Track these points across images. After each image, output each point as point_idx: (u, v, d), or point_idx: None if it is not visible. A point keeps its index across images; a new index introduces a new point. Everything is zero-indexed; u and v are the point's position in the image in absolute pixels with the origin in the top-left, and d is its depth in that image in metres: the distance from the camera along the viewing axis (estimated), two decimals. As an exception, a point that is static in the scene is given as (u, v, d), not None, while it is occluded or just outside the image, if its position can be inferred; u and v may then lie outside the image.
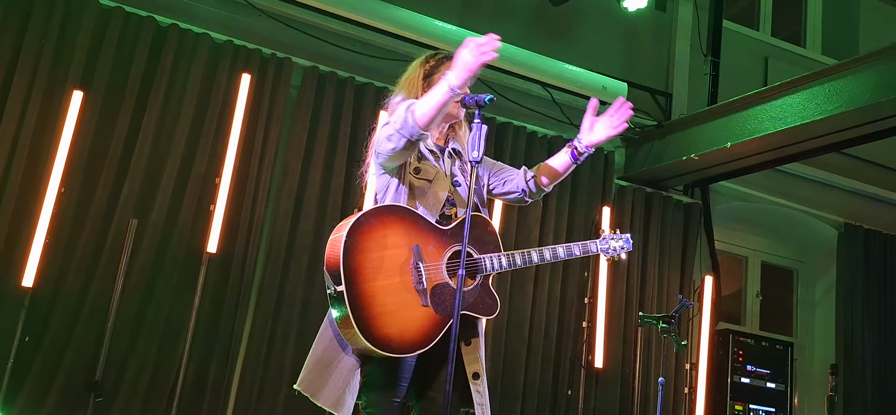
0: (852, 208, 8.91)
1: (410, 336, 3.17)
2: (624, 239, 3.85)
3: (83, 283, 5.74)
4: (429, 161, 3.44)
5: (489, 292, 3.42)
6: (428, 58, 3.62)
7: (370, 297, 3.13)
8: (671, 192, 8.01)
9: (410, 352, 3.19)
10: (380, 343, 3.10)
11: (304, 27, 6.64)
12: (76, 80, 5.84)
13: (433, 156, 3.47)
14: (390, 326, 3.14)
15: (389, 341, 3.13)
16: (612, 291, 7.33)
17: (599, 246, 3.79)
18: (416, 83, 3.53)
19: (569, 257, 3.67)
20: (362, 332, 3.08)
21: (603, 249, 3.80)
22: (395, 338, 3.14)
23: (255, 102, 6.32)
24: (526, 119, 7.33)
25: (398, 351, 3.16)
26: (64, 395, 5.57)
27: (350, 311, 3.08)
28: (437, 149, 3.53)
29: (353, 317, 3.07)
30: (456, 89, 3.11)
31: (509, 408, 6.79)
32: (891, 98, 5.84)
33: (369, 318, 3.11)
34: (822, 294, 9.11)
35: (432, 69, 3.54)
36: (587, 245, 3.74)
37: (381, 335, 3.11)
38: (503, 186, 3.71)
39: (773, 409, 7.87)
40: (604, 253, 3.81)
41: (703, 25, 8.23)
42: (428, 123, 3.16)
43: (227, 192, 6.07)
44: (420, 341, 3.19)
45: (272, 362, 6.12)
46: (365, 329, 3.09)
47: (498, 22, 7.44)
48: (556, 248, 3.63)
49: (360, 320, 3.09)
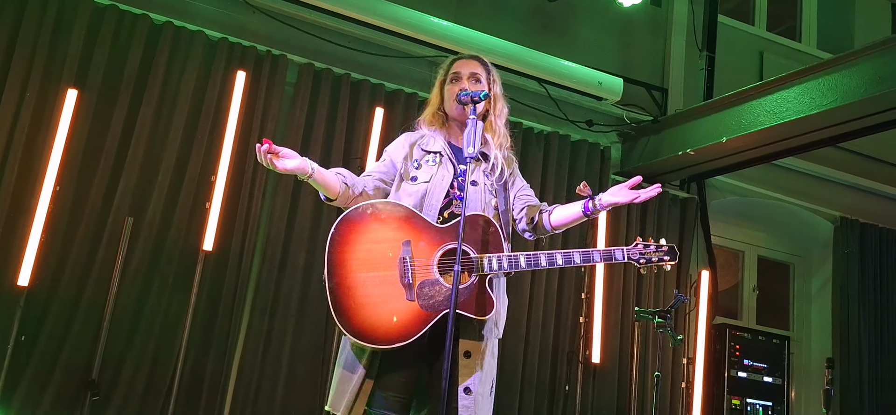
0: (848, 202, 8.92)
1: (391, 329, 3.21)
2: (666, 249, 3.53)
3: (79, 281, 5.73)
4: (428, 166, 3.48)
5: (485, 293, 3.34)
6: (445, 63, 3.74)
7: (351, 287, 3.22)
8: (667, 187, 8.01)
9: (390, 344, 3.20)
10: (358, 333, 3.19)
11: (299, 24, 6.63)
12: (71, 79, 5.83)
13: (438, 158, 3.50)
14: (371, 317, 3.20)
15: (367, 332, 3.20)
16: (608, 287, 7.34)
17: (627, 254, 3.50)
18: (435, 99, 3.69)
19: (585, 263, 3.58)
20: (340, 320, 3.18)
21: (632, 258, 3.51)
22: (374, 329, 3.20)
23: (251, 100, 6.31)
24: (522, 115, 7.32)
25: (377, 342, 3.20)
26: (60, 394, 5.56)
27: (329, 299, 3.19)
28: (453, 151, 3.55)
29: (332, 306, 3.18)
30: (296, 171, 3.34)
31: (507, 403, 6.79)
32: (886, 92, 5.84)
33: (348, 308, 3.20)
34: (819, 288, 9.12)
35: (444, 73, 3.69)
36: (611, 252, 3.54)
37: (359, 325, 3.19)
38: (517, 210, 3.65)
39: (770, 403, 7.87)
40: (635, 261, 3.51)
41: (698, 20, 8.23)
42: (327, 194, 3.43)
43: (223, 189, 6.05)
44: (401, 335, 3.21)
45: (269, 359, 6.12)
46: (343, 318, 3.19)
47: (493, 18, 7.45)
48: (572, 253, 3.44)
49: (338, 310, 3.19)
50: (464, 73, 3.59)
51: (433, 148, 3.54)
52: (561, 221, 3.54)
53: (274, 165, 3.28)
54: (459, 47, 6.34)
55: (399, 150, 3.59)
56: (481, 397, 3.34)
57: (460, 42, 6.69)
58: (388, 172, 3.56)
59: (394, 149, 3.61)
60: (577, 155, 7.52)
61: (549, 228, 3.56)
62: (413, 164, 3.50)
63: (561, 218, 3.54)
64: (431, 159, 3.50)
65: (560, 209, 3.57)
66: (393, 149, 3.62)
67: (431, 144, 3.55)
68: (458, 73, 3.60)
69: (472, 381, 3.31)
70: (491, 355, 3.43)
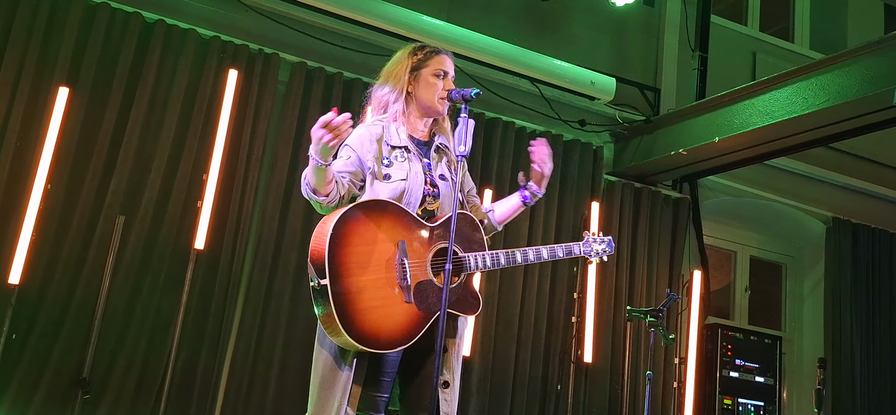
0: (840, 203, 8.94)
1: (393, 332, 3.17)
2: (606, 242, 3.89)
3: (70, 280, 5.72)
4: (399, 162, 3.40)
5: (472, 291, 3.41)
6: (415, 50, 3.59)
7: (354, 292, 3.12)
8: (660, 187, 8.03)
9: (392, 348, 3.19)
10: (362, 338, 3.10)
11: (291, 23, 6.62)
12: (62, 77, 5.81)
13: (405, 153, 3.43)
14: (373, 321, 3.13)
15: (372, 337, 3.12)
16: (600, 287, 7.35)
17: (582, 249, 3.82)
18: (402, 77, 3.53)
19: (552, 259, 3.68)
20: (345, 327, 3.06)
21: (585, 252, 3.83)
22: (377, 334, 3.14)
23: (243, 98, 6.30)
24: (514, 115, 7.33)
25: (380, 347, 3.15)
26: (52, 392, 5.55)
27: (333, 305, 3.06)
28: (416, 145, 3.50)
29: (336, 312, 3.05)
30: (317, 160, 3.12)
31: (499, 403, 6.80)
32: (878, 92, 5.84)
33: (354, 313, 3.10)
34: (811, 288, 9.14)
35: (419, 63, 3.54)
36: (570, 247, 3.76)
37: (363, 331, 3.11)
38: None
39: (762, 403, 7.90)
40: (587, 255, 3.84)
41: (691, 20, 8.24)
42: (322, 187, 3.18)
43: (215, 188, 6.05)
44: (402, 338, 3.19)
45: (261, 357, 6.12)
46: (348, 324, 3.08)
47: (485, 17, 7.44)
48: (541, 249, 3.64)
49: (343, 315, 3.07)
50: (450, 72, 3.55)
51: (398, 143, 3.43)
52: (505, 216, 3.74)
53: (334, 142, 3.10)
54: (452, 46, 6.32)
55: (366, 148, 3.40)
56: (455, 389, 3.40)
57: (452, 41, 6.69)
58: (357, 173, 3.37)
59: (360, 147, 3.39)
60: (569, 155, 7.52)
61: (497, 225, 3.74)
62: (384, 162, 3.40)
63: (504, 212, 3.74)
64: (400, 155, 3.42)
65: (500, 204, 3.76)
66: (359, 147, 3.39)
67: (394, 138, 3.44)
68: (446, 72, 3.53)
69: (449, 374, 3.37)
70: (460, 349, 3.51)
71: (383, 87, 3.56)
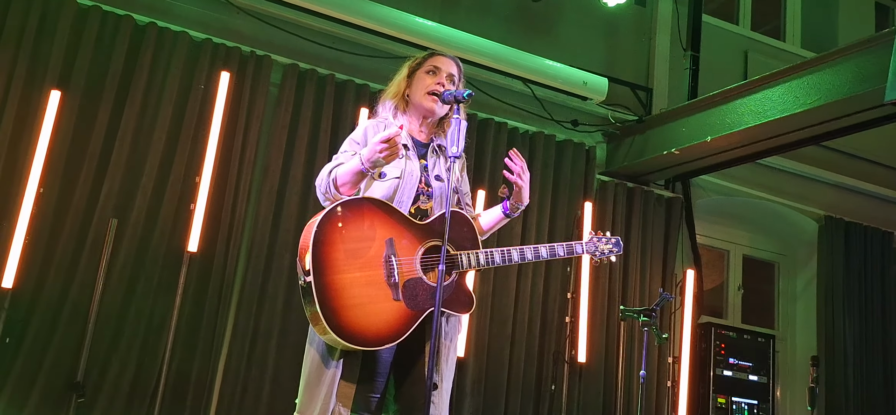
0: (833, 201, 8.96)
1: (380, 330, 3.16)
2: (614, 242, 3.80)
3: (63, 283, 5.70)
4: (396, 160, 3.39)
5: (464, 290, 3.40)
6: (415, 57, 3.69)
7: (339, 289, 3.13)
8: (652, 186, 8.04)
9: (379, 346, 3.19)
10: (348, 336, 3.10)
11: (283, 25, 6.62)
12: (54, 80, 5.80)
13: (404, 151, 3.44)
14: (359, 318, 3.13)
15: (357, 334, 3.12)
16: (594, 286, 7.36)
17: (585, 248, 3.74)
18: (401, 83, 3.64)
19: (552, 258, 3.66)
20: (330, 324, 3.07)
21: (589, 251, 3.75)
22: (364, 331, 3.13)
23: (235, 101, 6.30)
24: (507, 115, 7.34)
25: (367, 344, 3.16)
26: (45, 396, 5.53)
27: (317, 301, 3.07)
28: (416, 145, 3.54)
29: (320, 309, 3.07)
30: (365, 167, 3.23)
31: (493, 403, 6.80)
32: (869, 90, 5.85)
33: (338, 310, 3.11)
34: (804, 287, 9.16)
35: (417, 65, 3.63)
36: (572, 246, 3.68)
37: (349, 328, 3.11)
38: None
39: (756, 401, 7.91)
40: (591, 255, 3.76)
41: (682, 20, 8.25)
42: (348, 189, 3.31)
43: (208, 190, 6.04)
44: (389, 336, 3.18)
45: (255, 360, 6.11)
46: (333, 321, 3.08)
47: (478, 18, 7.46)
48: (540, 248, 3.59)
49: (327, 312, 3.08)
50: (444, 69, 3.57)
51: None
52: (490, 226, 3.75)
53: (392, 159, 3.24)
54: (444, 47, 6.34)
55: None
56: (445, 392, 3.38)
57: (445, 42, 6.70)
58: None
59: (364, 143, 3.47)
60: (562, 155, 7.53)
61: (482, 233, 3.72)
62: None
63: (489, 223, 3.75)
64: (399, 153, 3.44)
65: (485, 215, 3.78)
66: (363, 143, 3.48)
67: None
68: (438, 68, 3.57)
69: (437, 376, 3.34)
70: (453, 351, 3.49)
71: (386, 103, 3.68)
